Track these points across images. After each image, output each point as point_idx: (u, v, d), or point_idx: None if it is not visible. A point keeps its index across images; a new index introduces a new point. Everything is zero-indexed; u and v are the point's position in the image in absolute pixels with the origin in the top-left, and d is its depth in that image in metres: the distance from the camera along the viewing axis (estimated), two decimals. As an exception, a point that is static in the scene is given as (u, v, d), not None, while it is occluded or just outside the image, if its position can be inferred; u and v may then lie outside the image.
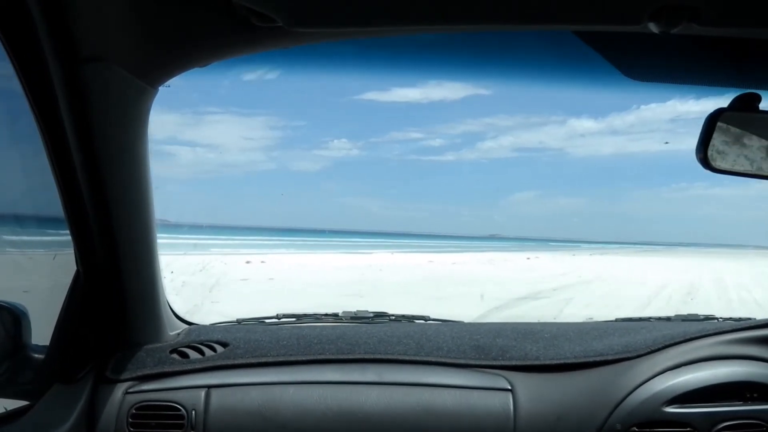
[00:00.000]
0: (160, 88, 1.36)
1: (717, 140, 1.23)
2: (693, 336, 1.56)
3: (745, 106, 1.22)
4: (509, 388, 1.51)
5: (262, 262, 19.89)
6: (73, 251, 1.45)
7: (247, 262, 18.99)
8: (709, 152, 1.23)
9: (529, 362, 1.57)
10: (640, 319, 1.93)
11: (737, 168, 1.25)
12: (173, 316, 1.76)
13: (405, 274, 17.55)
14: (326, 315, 1.91)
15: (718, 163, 1.24)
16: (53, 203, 1.36)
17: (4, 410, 1.39)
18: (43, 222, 1.67)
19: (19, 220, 1.72)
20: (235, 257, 21.51)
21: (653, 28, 1.07)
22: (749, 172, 1.26)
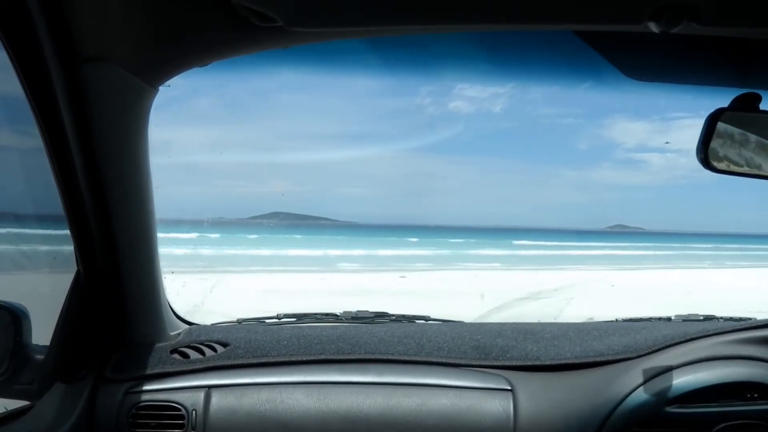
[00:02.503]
0: (161, 87, 1.36)
1: (717, 140, 1.23)
2: (693, 336, 1.56)
3: (745, 106, 1.22)
4: (509, 388, 1.51)
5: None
6: (72, 251, 1.45)
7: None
8: (710, 152, 1.23)
9: (529, 362, 1.57)
10: (641, 320, 1.93)
11: (737, 168, 1.25)
12: (173, 316, 1.75)
13: None
14: (326, 315, 1.91)
15: (719, 163, 1.24)
16: (53, 203, 1.36)
17: (4, 410, 1.39)
18: (43, 222, 1.67)
19: (19, 220, 1.72)
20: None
21: (653, 27, 1.07)
22: (749, 172, 1.26)
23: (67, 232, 1.41)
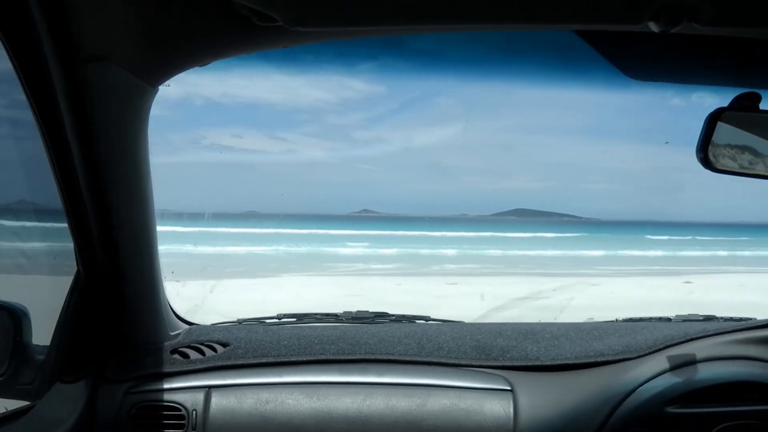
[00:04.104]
0: (160, 87, 1.36)
1: (717, 140, 1.23)
2: (693, 336, 1.56)
3: (745, 105, 1.22)
4: (509, 388, 1.51)
5: None
6: (72, 251, 1.45)
7: None
8: (710, 152, 1.23)
9: (529, 362, 1.57)
10: (641, 320, 1.93)
11: (738, 168, 1.25)
12: (173, 316, 1.75)
13: None
14: (327, 315, 1.91)
15: (719, 163, 1.24)
16: (54, 203, 1.36)
17: (5, 410, 1.39)
18: (44, 221, 1.67)
19: (20, 220, 1.72)
20: None
21: (654, 27, 1.07)
22: (750, 172, 1.26)
23: (68, 231, 1.41)
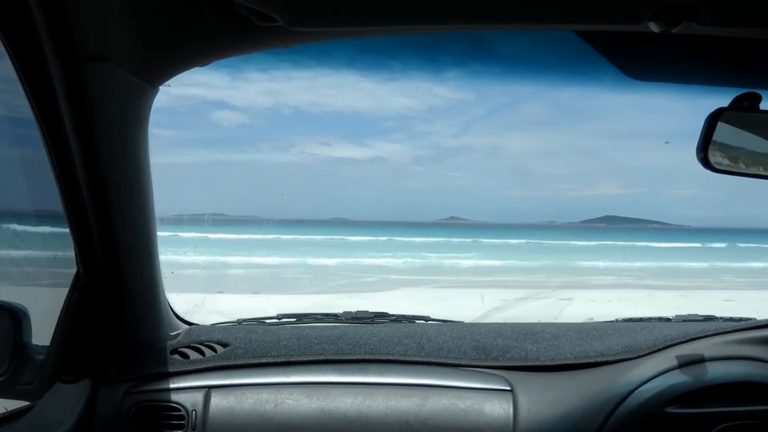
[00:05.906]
0: (161, 87, 1.36)
1: (717, 140, 1.23)
2: (693, 336, 1.56)
3: (745, 105, 1.22)
4: (509, 389, 1.51)
5: None
6: (72, 251, 1.45)
7: None
8: (710, 152, 1.23)
9: (529, 363, 1.57)
10: (641, 320, 1.93)
11: (738, 168, 1.25)
12: (173, 316, 1.75)
13: None
14: (326, 315, 1.91)
15: (719, 163, 1.25)
16: (54, 203, 1.36)
17: (4, 410, 1.39)
18: (44, 222, 1.67)
19: (19, 220, 1.72)
20: None
21: (654, 27, 1.07)
22: (750, 172, 1.26)
23: (68, 232, 1.41)
